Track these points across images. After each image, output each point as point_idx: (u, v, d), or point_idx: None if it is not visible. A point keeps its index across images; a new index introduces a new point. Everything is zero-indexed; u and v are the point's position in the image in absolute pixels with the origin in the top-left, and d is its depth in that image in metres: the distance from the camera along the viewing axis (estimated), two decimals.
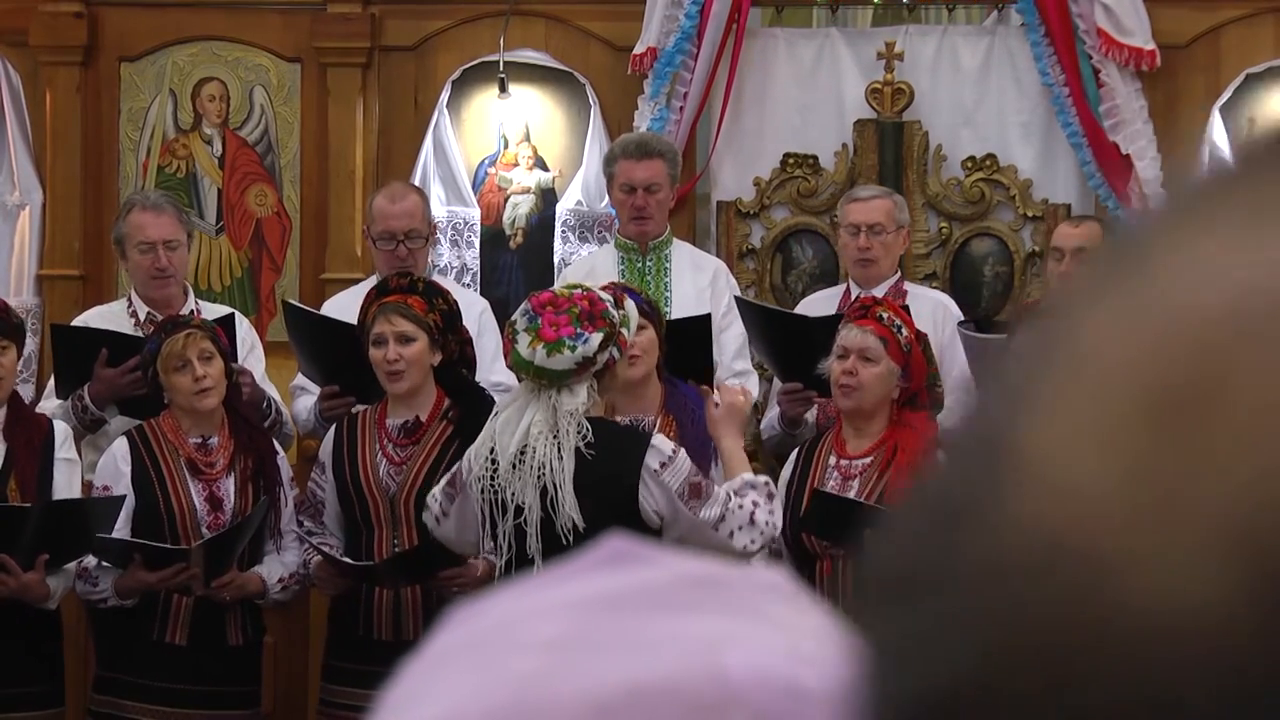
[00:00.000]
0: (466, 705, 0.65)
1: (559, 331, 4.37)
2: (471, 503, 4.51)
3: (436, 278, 6.04)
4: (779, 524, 4.52)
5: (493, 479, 4.43)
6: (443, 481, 4.65)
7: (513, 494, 4.40)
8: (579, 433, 4.38)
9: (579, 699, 0.64)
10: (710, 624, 0.67)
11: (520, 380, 4.53)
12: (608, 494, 4.39)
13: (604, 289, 4.61)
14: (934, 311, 5.59)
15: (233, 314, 5.61)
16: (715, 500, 4.41)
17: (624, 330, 4.46)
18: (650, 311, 5.04)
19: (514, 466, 4.41)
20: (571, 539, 4.35)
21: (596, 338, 4.38)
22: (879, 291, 5.72)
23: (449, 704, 0.65)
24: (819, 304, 5.93)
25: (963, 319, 5.79)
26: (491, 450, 4.44)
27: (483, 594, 0.71)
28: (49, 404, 5.45)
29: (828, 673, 0.65)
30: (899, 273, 5.95)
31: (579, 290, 4.48)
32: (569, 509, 4.35)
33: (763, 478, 4.59)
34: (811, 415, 5.67)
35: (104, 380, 5.35)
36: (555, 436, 4.38)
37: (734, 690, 0.64)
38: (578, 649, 0.66)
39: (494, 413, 4.58)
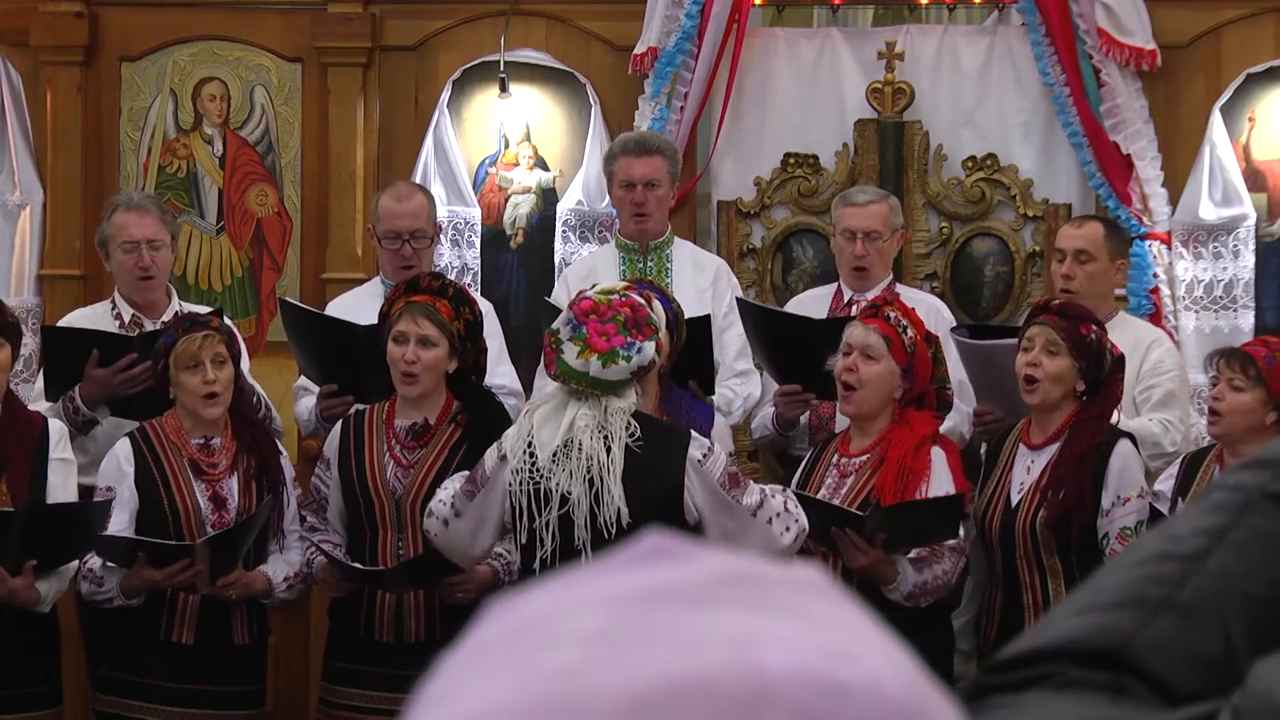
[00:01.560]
0: (505, 698, 0.66)
1: (610, 341, 4.37)
2: (496, 497, 4.50)
3: None
4: (804, 518, 4.54)
5: (531, 471, 4.43)
6: (456, 482, 4.62)
7: (556, 484, 4.40)
8: (628, 430, 4.40)
9: (618, 693, 0.64)
10: (748, 620, 0.67)
11: (565, 385, 4.49)
12: (652, 488, 4.42)
13: (630, 288, 4.60)
14: (926, 315, 5.57)
15: (219, 310, 5.59)
16: (751, 490, 4.46)
17: (660, 334, 4.50)
18: (671, 318, 5.04)
19: (555, 459, 4.41)
20: (615, 531, 4.36)
21: (649, 346, 4.41)
22: (872, 294, 5.72)
23: (488, 697, 0.66)
24: (810, 303, 5.94)
25: (956, 325, 5.79)
26: (529, 444, 4.44)
27: (499, 595, 0.71)
28: (38, 406, 5.44)
29: (865, 669, 0.65)
30: (891, 275, 5.95)
31: (616, 296, 4.46)
32: (616, 502, 4.37)
33: (780, 486, 4.67)
34: (803, 417, 5.68)
35: (95, 381, 5.34)
36: (602, 431, 4.40)
37: (771, 686, 0.64)
38: (616, 643, 0.66)
39: (528, 408, 4.57)
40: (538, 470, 4.43)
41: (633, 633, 0.67)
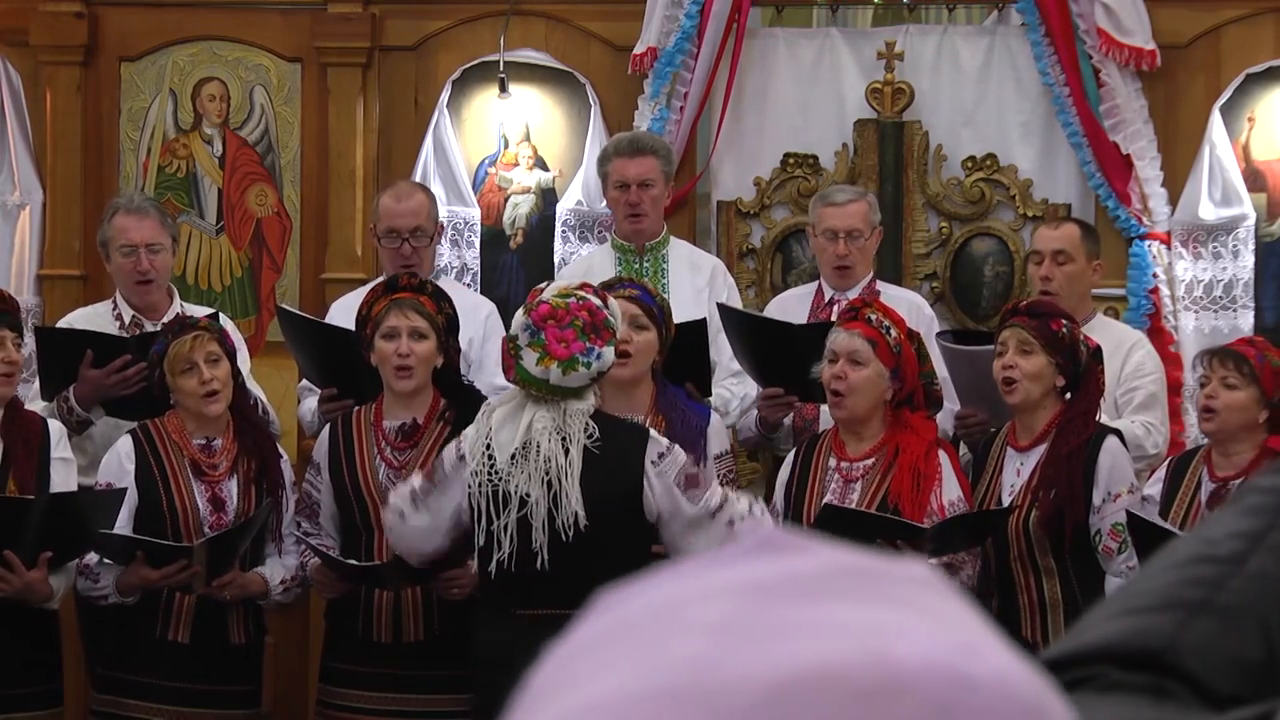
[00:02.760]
0: (637, 685, 0.66)
1: (570, 348, 4.37)
2: (451, 496, 4.50)
3: (443, 279, 6.05)
4: (769, 522, 4.55)
5: (490, 473, 4.43)
6: (415, 479, 4.62)
7: (515, 486, 4.40)
8: (586, 432, 4.39)
9: (752, 682, 0.65)
10: (871, 613, 0.68)
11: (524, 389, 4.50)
12: (611, 488, 4.42)
13: (586, 288, 4.58)
14: (907, 312, 5.56)
15: (215, 314, 5.60)
16: (713, 491, 4.47)
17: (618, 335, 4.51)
18: (659, 315, 5.05)
19: (513, 460, 4.41)
20: (572, 534, 4.36)
21: (609, 351, 4.41)
22: (853, 293, 5.73)
23: (618, 685, 0.66)
24: (791, 302, 5.94)
25: (941, 330, 5.79)
26: (488, 446, 4.44)
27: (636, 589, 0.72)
28: (34, 406, 5.44)
29: (992, 664, 0.66)
30: (872, 272, 5.95)
31: (574, 299, 4.45)
32: (574, 504, 4.37)
33: (750, 495, 4.68)
34: (787, 419, 5.67)
35: (89, 381, 5.34)
36: (560, 433, 4.39)
37: (904, 678, 0.65)
38: (744, 634, 0.67)
39: (486, 409, 4.56)
40: (496, 472, 4.42)
41: (758, 623, 0.68)
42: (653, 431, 4.56)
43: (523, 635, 4.41)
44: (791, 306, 5.85)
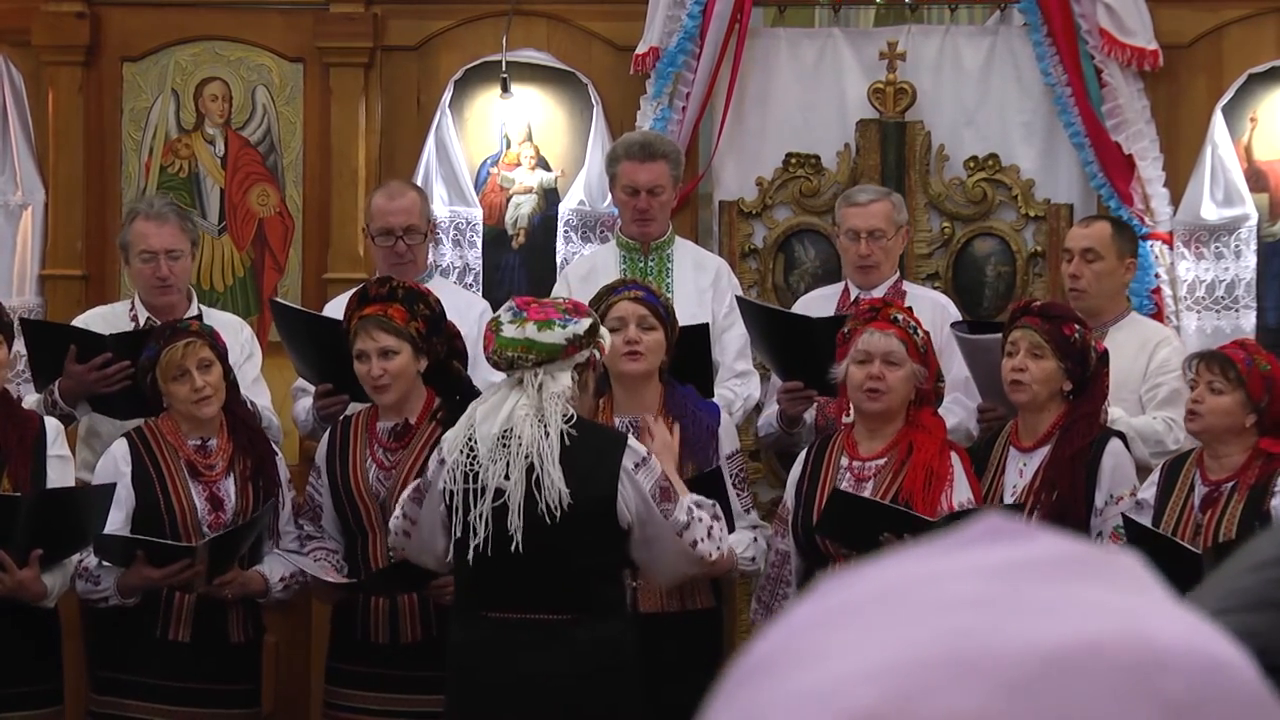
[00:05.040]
0: (909, 653, 0.67)
1: (547, 314, 4.42)
2: (438, 497, 4.49)
3: (438, 278, 6.04)
4: (725, 548, 4.53)
5: (470, 464, 4.42)
6: (405, 495, 4.62)
7: (493, 475, 4.39)
8: (563, 415, 4.38)
9: (1024, 652, 0.67)
10: (1115, 595, 0.71)
11: (503, 364, 4.49)
12: (586, 492, 4.39)
13: (614, 287, 4.68)
14: (933, 312, 5.59)
15: (199, 315, 5.59)
16: (681, 507, 4.43)
17: (601, 337, 4.50)
18: (664, 314, 5.07)
19: (493, 450, 4.40)
20: (557, 517, 4.33)
21: (586, 321, 4.44)
22: (878, 292, 5.72)
23: (884, 654, 0.67)
24: (817, 303, 5.93)
25: (956, 320, 5.79)
26: (469, 439, 4.44)
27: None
28: (30, 399, 5.46)
29: (1231, 650, 0.70)
30: (898, 273, 5.95)
31: (559, 298, 4.61)
32: (557, 483, 4.35)
33: (710, 500, 4.58)
34: (810, 415, 5.66)
35: (73, 376, 5.35)
36: (539, 416, 4.39)
37: (1163, 656, 0.68)
38: (1007, 608, 0.69)
39: (470, 407, 4.56)
40: (477, 462, 4.41)
41: (1017, 600, 0.69)
42: (631, 439, 4.53)
43: (491, 638, 4.41)
44: (818, 307, 5.83)
